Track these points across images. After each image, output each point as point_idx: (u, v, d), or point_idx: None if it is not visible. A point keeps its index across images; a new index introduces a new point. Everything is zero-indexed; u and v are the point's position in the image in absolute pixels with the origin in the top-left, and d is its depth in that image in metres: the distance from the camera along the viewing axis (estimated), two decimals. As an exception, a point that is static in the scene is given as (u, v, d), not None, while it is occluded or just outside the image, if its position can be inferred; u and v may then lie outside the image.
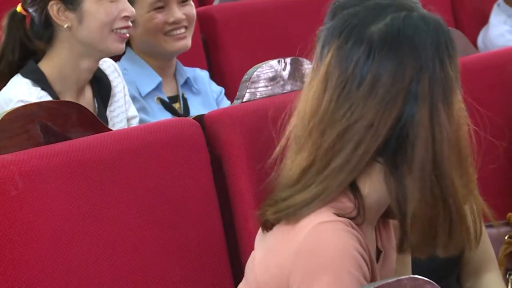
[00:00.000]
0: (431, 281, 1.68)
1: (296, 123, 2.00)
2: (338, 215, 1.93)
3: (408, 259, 2.29)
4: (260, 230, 2.09)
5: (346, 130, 1.90)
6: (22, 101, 2.87)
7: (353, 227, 1.94)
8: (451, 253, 1.97)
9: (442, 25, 1.99)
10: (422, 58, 1.91)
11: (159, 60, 3.47)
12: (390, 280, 1.64)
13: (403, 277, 1.66)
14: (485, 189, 2.89)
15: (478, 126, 3.09)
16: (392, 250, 2.15)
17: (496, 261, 2.67)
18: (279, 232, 1.99)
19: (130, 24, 3.06)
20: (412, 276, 1.67)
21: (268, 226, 2.02)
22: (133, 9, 3.06)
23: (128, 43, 3.33)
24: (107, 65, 3.20)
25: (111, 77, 3.17)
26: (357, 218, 1.96)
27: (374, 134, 1.90)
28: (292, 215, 1.94)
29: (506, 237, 2.87)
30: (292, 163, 1.99)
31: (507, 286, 2.75)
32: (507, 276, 2.80)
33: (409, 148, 1.91)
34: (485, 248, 2.61)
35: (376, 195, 2.01)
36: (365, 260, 1.91)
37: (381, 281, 1.64)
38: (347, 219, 1.94)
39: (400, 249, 2.01)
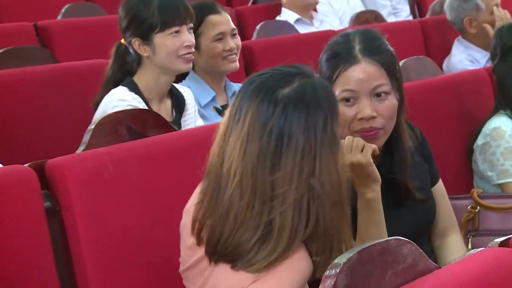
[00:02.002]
0: (410, 241, 1.63)
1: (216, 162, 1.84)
2: None
3: None
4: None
5: (274, 182, 1.75)
6: (121, 99, 2.90)
7: None
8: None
9: (333, 91, 1.88)
10: (323, 118, 1.76)
11: (215, 77, 3.45)
12: (380, 240, 1.60)
13: (390, 238, 1.61)
14: (452, 173, 2.87)
15: (442, 128, 3.08)
16: None
17: (458, 226, 2.61)
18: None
19: (193, 49, 3.04)
20: (397, 237, 1.61)
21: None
22: (192, 38, 3.03)
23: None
24: (184, 89, 3.20)
25: (186, 97, 3.16)
26: None
27: (298, 185, 1.74)
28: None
29: (468, 207, 2.80)
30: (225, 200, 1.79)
31: (468, 244, 2.71)
32: (468, 236, 2.76)
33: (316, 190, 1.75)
34: (450, 216, 2.56)
35: None
36: None
37: (373, 241, 1.59)
38: None
39: None
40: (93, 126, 2.55)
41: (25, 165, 2.20)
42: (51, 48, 4.04)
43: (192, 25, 3.04)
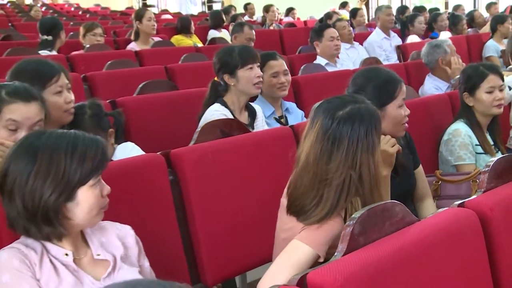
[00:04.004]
0: (400, 203, 1.58)
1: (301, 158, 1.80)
2: None
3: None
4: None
5: (327, 170, 1.72)
6: (216, 110, 2.87)
7: None
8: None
9: (376, 113, 1.79)
10: (364, 130, 1.72)
11: (274, 99, 3.38)
12: (381, 203, 1.55)
13: (388, 201, 1.57)
14: (425, 160, 2.78)
15: (419, 131, 3.00)
16: None
17: (431, 194, 2.58)
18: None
19: (261, 79, 3.01)
20: (391, 201, 1.58)
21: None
22: (260, 73, 3.01)
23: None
24: (255, 105, 3.13)
25: (257, 110, 3.09)
26: None
27: (341, 173, 1.71)
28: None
29: (433, 182, 2.79)
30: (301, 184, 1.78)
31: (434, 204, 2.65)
32: (434, 200, 2.70)
33: (360, 174, 1.72)
34: (426, 187, 2.53)
35: None
36: None
37: (373, 204, 1.53)
38: None
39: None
40: (199, 129, 2.55)
41: (157, 153, 2.19)
42: (175, 81, 4.05)
43: (259, 63, 3.01)
